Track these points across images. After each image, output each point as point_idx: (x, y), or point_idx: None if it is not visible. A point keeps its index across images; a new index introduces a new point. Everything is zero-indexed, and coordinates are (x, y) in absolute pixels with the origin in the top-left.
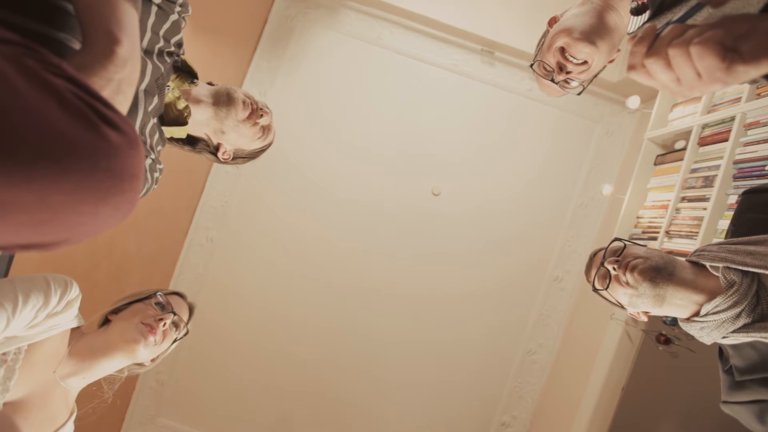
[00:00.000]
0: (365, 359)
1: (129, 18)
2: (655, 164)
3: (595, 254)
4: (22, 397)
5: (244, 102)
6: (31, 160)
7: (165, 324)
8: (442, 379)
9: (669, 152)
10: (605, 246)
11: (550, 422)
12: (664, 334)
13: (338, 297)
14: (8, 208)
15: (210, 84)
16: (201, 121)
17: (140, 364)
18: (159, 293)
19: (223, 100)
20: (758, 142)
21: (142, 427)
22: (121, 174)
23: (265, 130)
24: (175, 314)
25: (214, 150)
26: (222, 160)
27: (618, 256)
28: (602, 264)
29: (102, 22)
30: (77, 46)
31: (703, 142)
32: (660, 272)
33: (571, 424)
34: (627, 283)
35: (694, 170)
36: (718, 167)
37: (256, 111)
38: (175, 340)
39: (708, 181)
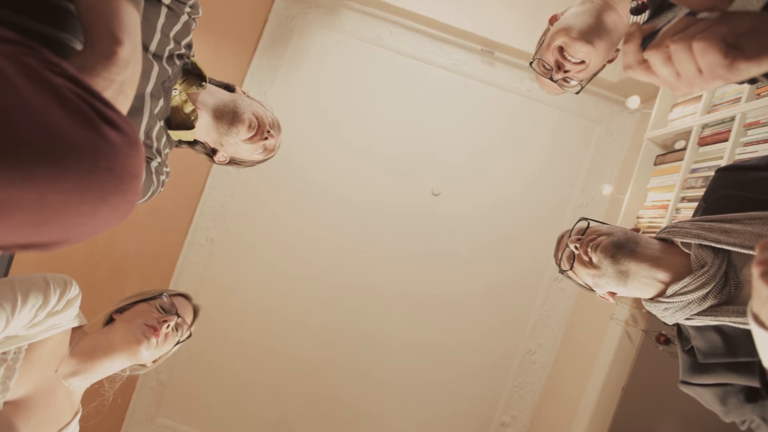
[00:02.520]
0: (365, 359)
1: (131, 19)
2: (655, 164)
3: (561, 236)
4: (23, 396)
5: (250, 124)
6: (31, 159)
7: (168, 326)
8: (442, 379)
9: (669, 152)
10: (571, 227)
11: (550, 422)
12: (664, 334)
13: (338, 297)
14: (8, 208)
15: (228, 88)
16: (201, 128)
17: (142, 365)
18: (164, 294)
19: (227, 116)
20: (758, 142)
21: (142, 427)
22: (121, 174)
23: (268, 149)
24: (179, 316)
25: (211, 153)
26: (217, 162)
27: (582, 235)
28: (567, 245)
29: (104, 24)
30: (78, 46)
31: (703, 142)
32: (621, 248)
33: (571, 424)
34: (589, 262)
35: (694, 170)
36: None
37: (260, 133)
38: (177, 343)
39: (708, 181)
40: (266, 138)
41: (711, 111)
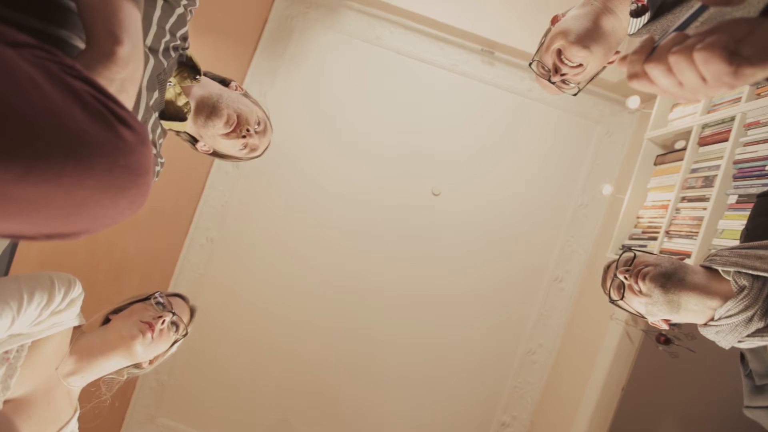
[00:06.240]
0: (365, 359)
1: (131, 18)
2: (655, 164)
3: (608, 266)
4: (24, 394)
5: (228, 119)
6: (62, 159)
7: (163, 322)
8: (442, 379)
9: (669, 152)
10: (617, 257)
11: (550, 422)
12: (664, 334)
13: (338, 297)
14: (40, 203)
15: (224, 82)
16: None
17: (139, 366)
18: (158, 293)
19: (206, 109)
20: (758, 142)
21: (142, 427)
22: (137, 169)
23: (250, 147)
24: (174, 314)
25: (193, 140)
26: (199, 151)
27: (629, 266)
28: (615, 275)
29: (104, 23)
30: (78, 42)
31: (703, 142)
32: (670, 278)
33: (571, 424)
34: (640, 292)
35: (694, 170)
36: (718, 167)
37: (237, 131)
38: (175, 342)
39: (708, 181)
40: (245, 136)
41: (711, 111)
